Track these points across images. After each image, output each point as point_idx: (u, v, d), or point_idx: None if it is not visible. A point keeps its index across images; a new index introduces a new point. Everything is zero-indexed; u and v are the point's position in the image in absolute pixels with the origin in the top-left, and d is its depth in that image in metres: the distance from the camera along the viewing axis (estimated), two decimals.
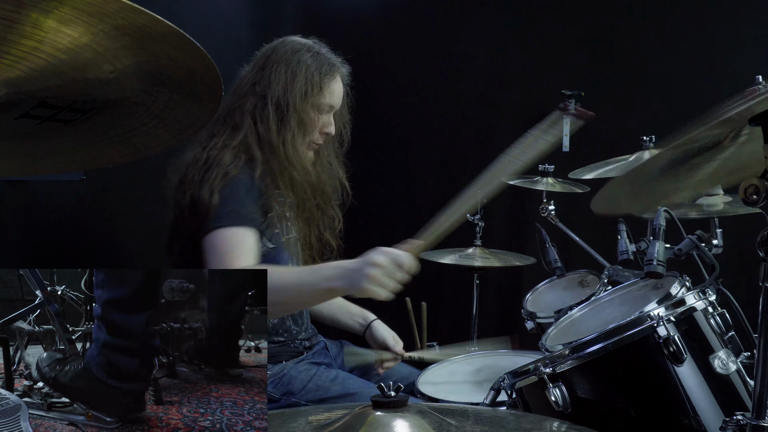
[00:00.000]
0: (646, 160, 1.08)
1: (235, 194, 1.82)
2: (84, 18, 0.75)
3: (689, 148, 1.10)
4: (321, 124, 1.98)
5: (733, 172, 1.27)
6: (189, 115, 0.99)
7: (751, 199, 1.05)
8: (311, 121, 1.95)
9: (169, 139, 1.06)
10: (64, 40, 0.77)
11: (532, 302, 2.34)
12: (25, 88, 0.83)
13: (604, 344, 1.38)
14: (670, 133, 1.08)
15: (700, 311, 1.45)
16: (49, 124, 0.94)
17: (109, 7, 0.75)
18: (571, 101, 2.99)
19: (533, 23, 3.38)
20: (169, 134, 1.03)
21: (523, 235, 3.20)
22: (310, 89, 1.92)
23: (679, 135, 1.02)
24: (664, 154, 1.10)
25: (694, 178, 1.26)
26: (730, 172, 1.28)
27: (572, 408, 1.38)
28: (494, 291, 3.29)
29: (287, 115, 1.91)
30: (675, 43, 3.18)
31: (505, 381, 1.48)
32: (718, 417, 1.32)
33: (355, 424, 0.91)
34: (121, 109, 0.94)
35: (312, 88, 1.93)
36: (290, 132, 1.91)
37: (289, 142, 1.91)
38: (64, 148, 1.06)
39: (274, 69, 1.94)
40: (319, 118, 1.97)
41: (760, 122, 1.06)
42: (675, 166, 1.17)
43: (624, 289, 1.80)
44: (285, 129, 1.91)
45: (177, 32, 0.79)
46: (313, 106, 1.94)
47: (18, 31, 0.74)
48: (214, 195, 1.79)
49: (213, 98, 0.95)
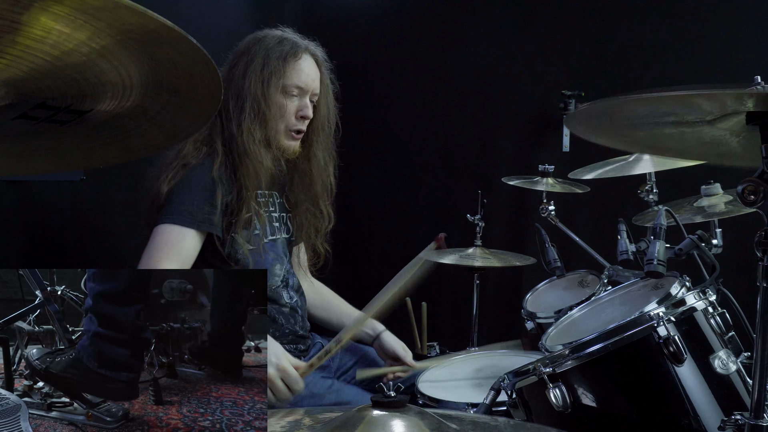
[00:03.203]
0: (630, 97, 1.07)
1: (190, 191, 1.81)
2: (84, 18, 0.75)
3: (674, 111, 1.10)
4: (295, 108, 1.94)
5: (723, 156, 1.27)
6: (186, 118, 0.99)
7: (749, 199, 1.05)
8: (280, 106, 1.92)
9: (163, 141, 1.06)
10: (63, 39, 0.77)
11: (532, 302, 2.34)
12: (23, 87, 0.83)
13: (604, 344, 1.38)
14: None
15: (701, 311, 1.45)
16: (44, 125, 0.93)
17: (111, 8, 0.75)
18: None
19: (533, 23, 3.38)
20: (164, 136, 1.03)
21: (523, 235, 3.21)
22: (273, 75, 1.89)
23: None
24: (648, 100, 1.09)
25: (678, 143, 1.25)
26: (719, 155, 1.28)
27: (572, 408, 1.38)
28: (494, 291, 3.29)
29: (246, 104, 1.88)
30: (675, 43, 3.18)
31: (505, 381, 1.48)
32: (718, 417, 1.31)
33: (353, 423, 0.91)
34: (118, 110, 0.94)
35: (274, 73, 1.89)
36: (246, 120, 1.88)
37: (245, 129, 1.87)
38: (59, 148, 1.06)
39: (236, 62, 1.93)
40: (290, 102, 1.93)
41: (758, 122, 1.05)
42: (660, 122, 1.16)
43: (624, 289, 1.80)
44: (243, 118, 1.88)
45: (179, 34, 0.79)
46: (280, 91, 1.91)
47: (17, 30, 0.74)
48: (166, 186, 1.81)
49: (212, 101, 0.95)
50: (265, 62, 1.90)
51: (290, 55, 1.92)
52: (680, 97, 1.05)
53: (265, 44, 1.92)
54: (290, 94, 1.93)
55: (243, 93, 1.89)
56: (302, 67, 1.94)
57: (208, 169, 1.84)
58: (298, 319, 2.05)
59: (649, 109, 1.13)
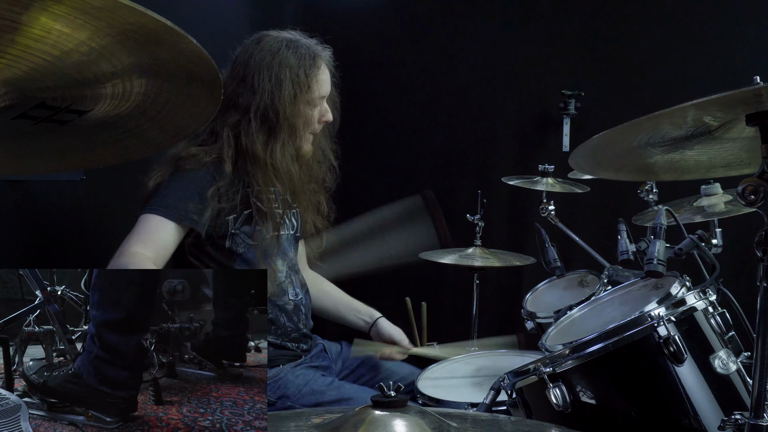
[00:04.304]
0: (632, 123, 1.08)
1: (178, 188, 1.83)
2: (84, 18, 0.75)
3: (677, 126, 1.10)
4: (318, 115, 1.96)
5: (731, 165, 1.27)
6: (186, 117, 0.99)
7: (750, 199, 1.05)
8: (308, 119, 1.93)
9: (163, 141, 1.06)
10: (63, 39, 0.77)
11: (532, 302, 2.34)
12: (23, 87, 0.83)
13: (604, 344, 1.38)
14: None
15: (701, 311, 1.44)
16: (44, 125, 0.93)
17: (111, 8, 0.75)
18: None
19: (533, 23, 3.38)
20: (164, 136, 1.03)
21: (523, 235, 3.20)
22: (299, 91, 1.89)
23: None
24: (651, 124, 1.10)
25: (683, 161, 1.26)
26: (727, 166, 1.28)
27: (572, 408, 1.38)
28: (494, 291, 3.30)
29: (277, 125, 1.87)
30: (675, 43, 3.18)
31: (505, 381, 1.48)
32: (719, 417, 1.31)
33: (354, 423, 0.91)
34: (118, 110, 0.94)
35: (300, 89, 1.89)
36: (279, 142, 1.88)
37: (278, 151, 1.88)
38: (59, 148, 1.06)
39: (256, 78, 1.88)
40: (315, 111, 1.95)
41: (757, 122, 1.06)
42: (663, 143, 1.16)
43: (624, 289, 1.80)
44: (273, 140, 1.88)
45: (179, 34, 0.78)
46: (306, 104, 1.92)
47: (17, 30, 0.74)
48: (154, 181, 1.83)
49: (212, 101, 0.95)
50: (294, 81, 1.88)
51: (313, 68, 1.92)
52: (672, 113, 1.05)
53: (281, 59, 1.89)
54: (315, 104, 1.95)
55: (272, 114, 1.87)
56: (322, 79, 1.95)
57: (207, 174, 1.85)
58: (302, 317, 2.04)
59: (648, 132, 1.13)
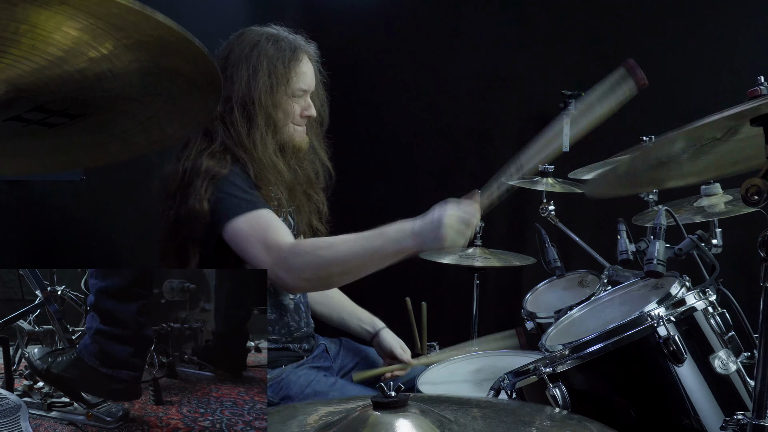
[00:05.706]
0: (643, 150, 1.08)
1: (233, 185, 1.80)
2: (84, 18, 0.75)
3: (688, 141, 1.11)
4: (300, 108, 1.95)
5: (738, 162, 1.28)
6: (184, 120, 0.99)
7: (752, 199, 1.05)
8: (287, 110, 1.92)
9: (163, 141, 1.06)
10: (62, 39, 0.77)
11: (532, 302, 2.34)
12: (23, 87, 0.83)
13: (604, 344, 1.38)
14: None
15: (701, 311, 1.44)
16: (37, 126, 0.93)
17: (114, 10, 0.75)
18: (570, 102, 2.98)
19: (533, 23, 3.38)
20: (164, 136, 1.03)
21: (523, 235, 3.20)
22: (275, 82, 1.88)
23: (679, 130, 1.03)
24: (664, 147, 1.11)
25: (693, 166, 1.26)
26: (735, 162, 1.29)
27: (572, 408, 1.38)
28: (494, 291, 3.30)
29: (254, 115, 1.87)
30: (675, 43, 3.18)
31: (505, 381, 1.48)
32: (719, 417, 1.32)
33: (356, 424, 0.91)
34: (116, 110, 0.94)
35: (278, 80, 1.89)
36: (258, 132, 1.87)
37: (259, 142, 1.87)
38: (59, 148, 1.06)
39: (235, 69, 1.89)
40: (296, 104, 1.94)
41: (761, 123, 1.06)
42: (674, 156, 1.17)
43: (624, 289, 1.80)
44: (254, 130, 1.87)
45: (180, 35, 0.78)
46: (286, 96, 1.91)
47: (17, 29, 0.74)
48: (206, 203, 1.77)
49: (211, 100, 0.95)
50: (270, 71, 1.88)
51: (293, 60, 1.91)
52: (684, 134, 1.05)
53: (260, 50, 1.89)
54: (296, 96, 1.94)
55: (249, 104, 1.87)
56: (304, 70, 1.94)
57: (242, 171, 1.85)
58: (303, 316, 2.04)
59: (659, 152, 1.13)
